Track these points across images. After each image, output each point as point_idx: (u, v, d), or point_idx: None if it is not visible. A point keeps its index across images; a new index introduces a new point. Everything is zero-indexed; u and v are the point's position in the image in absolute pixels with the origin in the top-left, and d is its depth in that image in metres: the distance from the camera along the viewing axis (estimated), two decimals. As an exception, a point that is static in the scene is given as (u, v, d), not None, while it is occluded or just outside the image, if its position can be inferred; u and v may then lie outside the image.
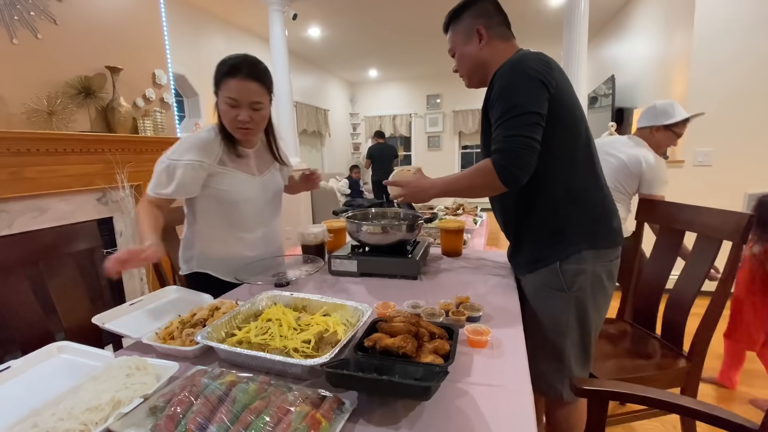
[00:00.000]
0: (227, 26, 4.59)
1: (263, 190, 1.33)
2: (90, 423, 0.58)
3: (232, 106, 1.15)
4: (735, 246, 1.16)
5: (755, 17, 2.79)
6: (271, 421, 0.55)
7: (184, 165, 1.16)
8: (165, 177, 1.18)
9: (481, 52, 1.13)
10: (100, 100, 2.40)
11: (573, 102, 1.04)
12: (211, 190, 1.24)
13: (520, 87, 0.98)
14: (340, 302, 0.92)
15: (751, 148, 2.91)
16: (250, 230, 1.32)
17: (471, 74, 1.18)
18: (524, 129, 0.97)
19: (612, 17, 4.95)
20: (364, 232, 1.28)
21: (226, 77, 1.13)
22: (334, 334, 0.79)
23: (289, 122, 4.05)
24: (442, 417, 0.62)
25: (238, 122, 1.17)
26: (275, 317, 0.84)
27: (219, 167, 1.23)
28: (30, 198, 1.98)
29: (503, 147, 0.98)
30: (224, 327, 0.83)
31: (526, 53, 1.05)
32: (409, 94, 8.57)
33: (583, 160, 1.06)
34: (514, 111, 0.97)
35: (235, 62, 1.14)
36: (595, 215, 1.07)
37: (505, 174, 0.98)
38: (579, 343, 1.09)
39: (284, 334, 0.79)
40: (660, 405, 0.82)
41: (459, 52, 1.18)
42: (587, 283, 1.06)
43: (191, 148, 1.18)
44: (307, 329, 0.81)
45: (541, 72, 0.99)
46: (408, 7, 4.43)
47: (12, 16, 1.96)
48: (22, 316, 1.01)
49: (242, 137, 1.23)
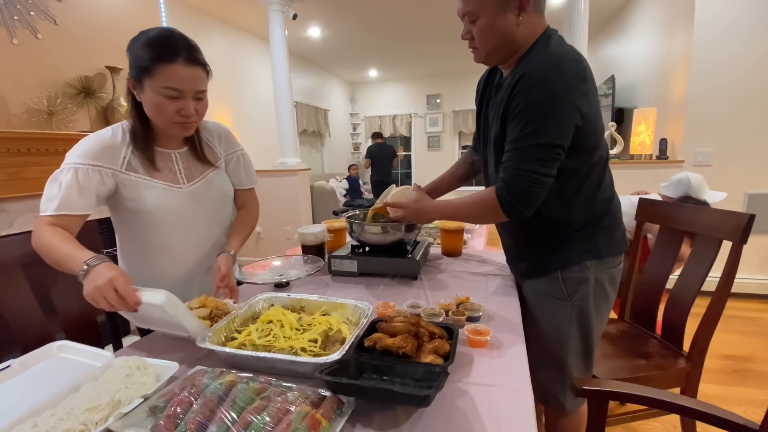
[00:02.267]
0: (227, 26, 4.59)
1: (192, 200, 1.07)
2: (90, 423, 0.58)
3: (173, 98, 0.92)
4: (735, 246, 1.15)
5: (755, 17, 2.78)
6: (271, 421, 0.55)
7: (74, 169, 0.91)
8: (54, 188, 0.91)
9: (517, 29, 0.92)
10: (100, 100, 2.40)
11: (598, 116, 0.95)
12: (121, 201, 1.00)
13: (550, 111, 0.86)
14: (339, 301, 0.92)
15: (751, 148, 2.91)
16: (181, 249, 1.09)
17: (494, 51, 0.96)
18: (540, 164, 0.88)
19: (612, 17, 4.95)
20: (364, 232, 1.27)
21: (162, 62, 0.89)
22: (339, 333, 0.79)
23: (289, 122, 4.05)
24: (442, 417, 0.62)
25: (181, 117, 0.95)
26: (276, 319, 0.84)
27: (126, 174, 0.99)
28: (30, 198, 1.98)
29: (512, 181, 0.91)
30: (223, 331, 0.82)
31: (561, 54, 0.89)
32: (409, 94, 8.57)
33: (597, 172, 1.00)
34: (533, 139, 0.87)
35: (168, 41, 0.91)
36: (601, 226, 1.02)
37: (509, 210, 0.94)
38: (580, 353, 1.06)
39: (288, 335, 0.78)
40: (660, 405, 0.82)
41: (486, 21, 0.92)
42: (589, 292, 1.02)
43: (88, 150, 0.94)
44: (310, 329, 0.81)
45: (578, 90, 0.87)
46: (408, 7, 4.43)
47: (12, 16, 1.97)
48: (22, 316, 1.01)
49: (183, 132, 1.01)
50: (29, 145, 1.91)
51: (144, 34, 0.93)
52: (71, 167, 0.92)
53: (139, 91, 0.94)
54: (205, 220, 1.12)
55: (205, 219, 1.12)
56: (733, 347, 2.29)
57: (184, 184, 1.07)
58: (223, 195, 1.17)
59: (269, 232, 4.22)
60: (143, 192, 1.01)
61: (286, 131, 4.05)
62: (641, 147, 3.28)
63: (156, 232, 1.05)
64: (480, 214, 1.03)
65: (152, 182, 1.02)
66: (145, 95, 0.93)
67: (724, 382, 2.00)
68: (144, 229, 1.04)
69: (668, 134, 3.25)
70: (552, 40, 0.93)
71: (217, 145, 1.17)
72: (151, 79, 0.90)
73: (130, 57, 0.93)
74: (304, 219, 4.16)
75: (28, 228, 1.98)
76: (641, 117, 3.31)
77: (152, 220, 1.03)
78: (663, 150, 3.15)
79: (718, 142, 2.96)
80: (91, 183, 0.93)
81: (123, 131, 1.01)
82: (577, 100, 0.87)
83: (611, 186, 1.05)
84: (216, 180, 1.14)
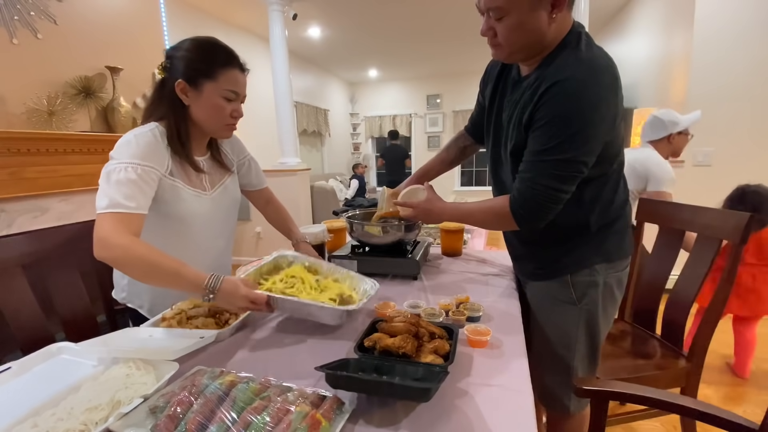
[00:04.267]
0: (227, 26, 4.59)
1: (214, 207, 1.10)
2: (90, 423, 0.58)
3: (230, 100, 0.99)
4: (735, 246, 1.15)
5: (755, 17, 2.78)
6: (271, 421, 0.55)
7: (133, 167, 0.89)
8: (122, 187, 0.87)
9: (549, 27, 0.84)
10: (100, 100, 2.40)
11: (621, 123, 0.91)
12: (155, 205, 0.96)
13: (581, 129, 0.81)
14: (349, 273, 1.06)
15: (751, 148, 2.91)
16: (197, 255, 1.07)
17: (520, 50, 0.88)
18: (560, 180, 0.85)
19: (612, 17, 4.95)
20: (364, 232, 1.27)
21: (225, 67, 0.97)
22: (350, 297, 0.94)
23: (289, 122, 4.05)
24: (442, 417, 0.62)
25: (232, 118, 1.02)
26: (298, 275, 0.97)
27: (170, 179, 0.99)
28: (30, 198, 1.98)
29: (528, 194, 0.88)
30: (252, 277, 0.95)
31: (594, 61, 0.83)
32: (409, 94, 8.56)
33: (615, 177, 0.98)
34: (558, 153, 0.82)
35: (226, 49, 0.99)
36: (614, 230, 0.99)
37: (521, 222, 0.92)
38: (587, 356, 1.04)
39: (308, 292, 0.93)
40: (660, 405, 0.82)
41: (517, 18, 0.83)
42: (599, 295, 0.99)
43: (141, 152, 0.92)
44: (326, 290, 0.96)
45: (610, 103, 0.82)
46: (408, 7, 4.43)
47: (12, 16, 1.96)
48: (22, 316, 1.01)
49: (228, 134, 1.07)
50: (29, 145, 1.90)
51: (194, 41, 0.98)
52: (132, 166, 0.89)
53: (193, 94, 0.97)
54: (220, 226, 1.14)
55: (220, 224, 1.14)
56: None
57: (208, 190, 1.09)
58: (235, 201, 1.20)
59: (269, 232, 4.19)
60: (179, 197, 1.01)
61: (286, 131, 4.05)
62: (641, 147, 3.28)
63: (182, 237, 1.05)
64: (491, 222, 1.00)
65: (187, 188, 1.03)
66: (203, 98, 0.97)
67: (724, 382, 2.00)
68: (170, 234, 1.03)
69: (668, 134, 3.25)
70: (582, 41, 0.86)
71: (229, 152, 1.20)
72: (214, 83, 0.96)
73: (182, 63, 0.95)
74: (304, 219, 4.16)
75: (28, 228, 1.98)
76: (641, 117, 3.31)
77: (181, 226, 1.04)
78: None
79: (718, 142, 2.96)
80: (151, 183, 0.93)
81: (161, 135, 0.98)
82: (608, 115, 0.83)
83: (626, 190, 1.03)
84: (230, 186, 1.17)
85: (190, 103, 0.98)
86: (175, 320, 0.90)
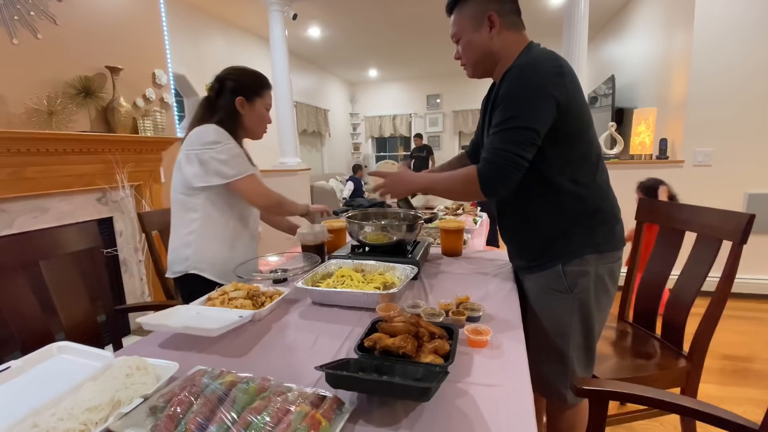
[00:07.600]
0: (227, 26, 4.59)
1: None
2: (90, 423, 0.57)
3: (268, 110, 1.40)
4: (735, 246, 1.15)
5: (756, 17, 2.78)
6: (271, 421, 0.55)
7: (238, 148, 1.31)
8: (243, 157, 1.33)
9: (491, 42, 1.05)
10: (100, 100, 2.39)
11: (582, 108, 1.01)
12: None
13: (526, 99, 0.96)
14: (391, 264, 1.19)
15: (751, 148, 2.91)
16: (249, 227, 1.44)
17: (476, 64, 1.11)
18: (516, 145, 0.96)
19: (612, 17, 4.95)
20: (364, 232, 1.27)
21: (268, 89, 1.39)
22: (392, 284, 1.08)
23: (289, 122, 4.05)
24: (442, 417, 0.62)
25: (267, 124, 1.43)
26: (347, 275, 1.14)
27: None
28: (30, 198, 1.98)
29: (491, 159, 0.99)
30: (309, 282, 1.10)
31: (540, 55, 1.00)
32: (409, 94, 8.57)
33: (590, 167, 1.04)
34: (512, 123, 0.96)
35: (265, 77, 1.40)
36: (600, 221, 1.06)
37: (486, 186, 1.00)
38: (582, 345, 1.08)
39: (357, 285, 1.08)
40: (660, 405, 0.82)
41: (466, 39, 1.09)
42: (590, 285, 1.05)
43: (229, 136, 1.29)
44: (372, 282, 1.11)
45: (552, 82, 0.95)
46: (408, 7, 4.44)
47: (12, 16, 1.96)
48: (22, 316, 1.01)
49: (263, 135, 1.43)
50: (29, 145, 1.90)
51: (245, 70, 1.37)
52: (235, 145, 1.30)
53: (247, 107, 1.34)
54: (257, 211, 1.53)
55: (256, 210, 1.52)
56: (733, 347, 2.29)
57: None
58: None
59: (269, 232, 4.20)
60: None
61: (286, 131, 4.05)
62: (641, 147, 3.28)
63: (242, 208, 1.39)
64: (457, 189, 1.09)
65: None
66: (254, 110, 1.36)
67: (724, 382, 2.00)
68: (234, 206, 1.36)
69: (668, 134, 3.25)
70: (532, 50, 1.03)
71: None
72: (261, 99, 1.37)
73: (239, 84, 1.33)
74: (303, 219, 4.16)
75: (28, 228, 1.99)
76: (641, 117, 3.31)
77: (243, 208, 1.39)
78: (663, 150, 3.15)
79: (718, 143, 2.96)
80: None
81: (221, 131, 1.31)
82: (554, 90, 0.95)
83: (607, 182, 1.10)
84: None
85: (244, 113, 1.34)
86: (218, 300, 1.02)
